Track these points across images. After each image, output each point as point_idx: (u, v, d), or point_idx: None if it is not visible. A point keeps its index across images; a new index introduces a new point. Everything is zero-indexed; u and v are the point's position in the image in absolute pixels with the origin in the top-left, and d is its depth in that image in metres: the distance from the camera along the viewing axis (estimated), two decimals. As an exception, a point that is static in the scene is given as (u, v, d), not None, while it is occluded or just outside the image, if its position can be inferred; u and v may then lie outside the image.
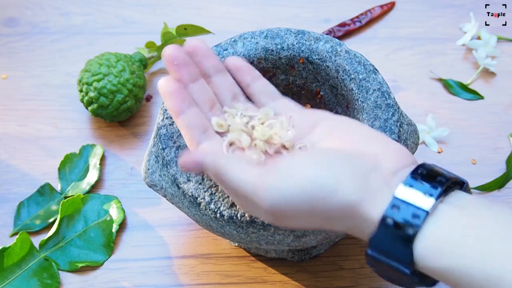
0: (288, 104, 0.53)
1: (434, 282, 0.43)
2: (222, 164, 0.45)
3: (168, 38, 0.74)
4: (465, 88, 0.74)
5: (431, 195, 0.41)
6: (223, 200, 0.52)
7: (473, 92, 0.74)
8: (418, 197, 0.42)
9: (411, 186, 0.42)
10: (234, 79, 0.54)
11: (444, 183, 0.42)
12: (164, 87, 0.49)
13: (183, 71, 0.50)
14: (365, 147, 0.45)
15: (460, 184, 0.44)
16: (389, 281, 0.44)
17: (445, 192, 0.42)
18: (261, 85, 0.54)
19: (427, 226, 0.41)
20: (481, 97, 0.74)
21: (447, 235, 0.40)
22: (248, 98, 0.54)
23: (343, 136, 0.47)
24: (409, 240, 0.41)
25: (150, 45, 0.75)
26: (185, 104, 0.49)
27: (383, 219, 0.42)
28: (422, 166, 0.44)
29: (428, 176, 0.43)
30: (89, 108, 0.70)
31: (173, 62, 0.50)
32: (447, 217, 0.41)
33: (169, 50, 0.50)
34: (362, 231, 0.43)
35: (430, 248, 0.40)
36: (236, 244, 0.63)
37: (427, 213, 0.41)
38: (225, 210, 0.52)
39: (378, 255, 0.43)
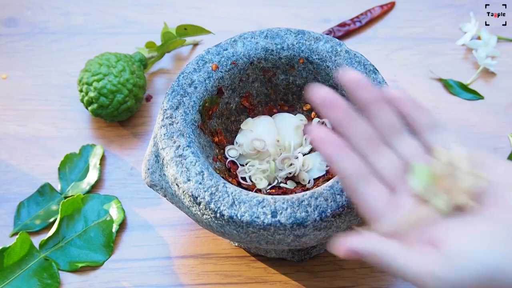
0: (453, 140, 0.47)
1: None
2: (382, 255, 0.43)
3: (168, 38, 0.74)
4: (465, 88, 0.74)
5: None
6: (223, 200, 0.52)
7: (473, 92, 0.74)
8: None
9: None
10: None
11: None
12: (316, 135, 0.46)
13: (336, 112, 0.46)
14: None
15: None
16: None
17: None
18: (424, 116, 0.48)
19: None
20: (481, 97, 0.74)
21: None
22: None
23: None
24: None
25: (150, 45, 0.75)
26: (339, 151, 0.46)
27: None
28: None
29: None
30: (89, 108, 0.70)
31: (326, 105, 0.46)
32: None
33: (320, 93, 0.46)
34: None
35: None
36: (236, 244, 0.63)
37: None
38: (225, 210, 0.52)
39: None
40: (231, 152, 0.62)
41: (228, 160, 0.62)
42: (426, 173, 0.45)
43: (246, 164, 0.61)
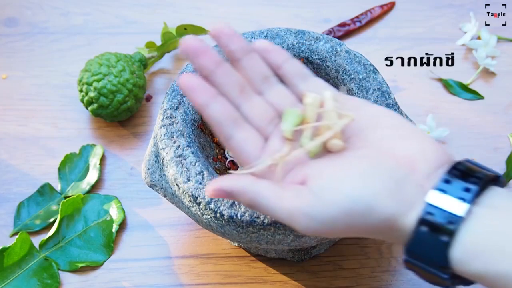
0: (322, 85, 0.50)
1: (473, 281, 0.43)
2: (253, 193, 0.44)
3: (168, 38, 0.74)
4: (465, 88, 0.74)
5: (464, 200, 0.41)
6: (223, 200, 0.52)
7: (473, 92, 0.74)
8: (452, 203, 0.41)
9: (444, 191, 0.42)
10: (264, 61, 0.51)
11: (478, 183, 0.42)
12: (184, 83, 0.46)
13: (204, 59, 0.47)
14: (402, 149, 0.44)
15: (495, 179, 0.43)
16: (430, 283, 0.44)
17: (480, 191, 0.42)
18: (292, 66, 0.50)
19: (462, 231, 0.41)
20: (481, 97, 0.74)
21: (481, 239, 0.40)
22: (280, 80, 0.51)
23: (383, 131, 0.46)
24: (445, 246, 0.41)
25: (150, 45, 0.75)
26: (208, 96, 0.46)
27: (418, 226, 0.42)
28: (455, 167, 0.43)
29: (462, 176, 0.42)
30: (89, 108, 0.70)
31: (191, 52, 0.47)
32: (481, 222, 0.41)
33: (184, 42, 0.47)
34: (398, 240, 0.43)
35: (466, 253, 0.40)
36: (236, 244, 0.63)
37: (462, 218, 0.41)
38: (225, 210, 0.52)
39: (415, 261, 0.43)
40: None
41: (228, 160, 0.62)
42: (296, 117, 0.47)
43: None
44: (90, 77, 0.68)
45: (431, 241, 0.41)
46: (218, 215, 0.52)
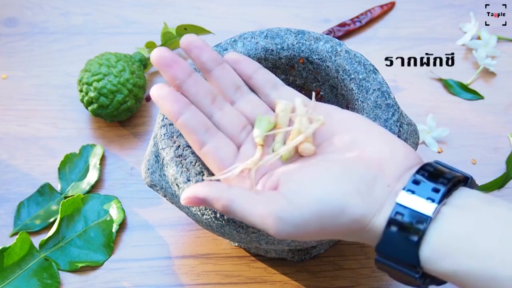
0: (293, 93, 0.52)
1: (444, 281, 0.43)
2: (226, 200, 0.44)
3: (168, 38, 0.74)
4: (465, 88, 0.74)
5: (433, 200, 0.42)
6: (223, 200, 0.52)
7: (473, 92, 0.74)
8: (421, 203, 0.42)
9: (413, 192, 0.42)
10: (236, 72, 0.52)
11: (447, 184, 0.42)
12: (156, 93, 0.47)
13: (174, 69, 0.48)
14: (372, 152, 0.45)
15: (464, 180, 0.44)
16: (402, 283, 0.45)
17: (448, 191, 0.43)
18: (262, 75, 0.52)
19: (430, 231, 0.41)
20: (481, 97, 0.74)
21: (450, 239, 0.41)
22: (251, 89, 0.53)
23: (353, 135, 0.47)
24: (414, 246, 0.41)
25: (150, 45, 0.75)
26: (181, 105, 0.48)
27: (388, 227, 0.42)
28: (423, 168, 0.44)
29: (430, 177, 0.43)
30: (89, 108, 0.70)
31: (162, 63, 0.48)
32: (449, 221, 0.41)
33: (155, 53, 0.48)
34: (370, 241, 0.44)
35: (435, 252, 0.41)
36: (236, 244, 0.63)
37: (430, 218, 0.41)
38: (225, 210, 0.52)
39: (386, 261, 0.43)
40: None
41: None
42: (268, 123, 0.48)
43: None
44: (90, 77, 0.68)
45: (400, 241, 0.42)
46: (218, 215, 0.52)
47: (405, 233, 0.42)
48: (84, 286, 0.62)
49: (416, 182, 0.43)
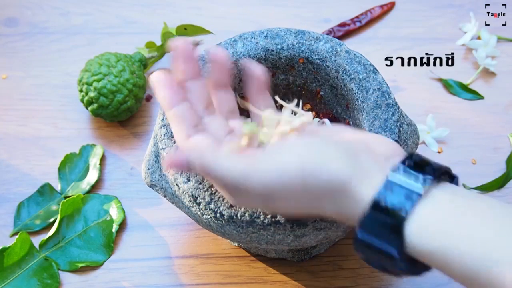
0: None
1: (421, 270, 0.43)
2: (209, 158, 0.45)
3: (168, 38, 0.74)
4: (465, 88, 0.74)
5: (424, 180, 0.42)
6: (223, 200, 0.52)
7: (473, 92, 0.74)
8: (411, 182, 0.42)
9: (403, 171, 0.42)
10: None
11: (435, 172, 0.42)
12: (157, 78, 0.48)
13: (188, 65, 0.49)
14: (360, 135, 0.47)
15: (450, 177, 0.44)
16: (377, 269, 0.44)
17: (436, 181, 0.43)
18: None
19: (419, 208, 0.41)
20: (481, 97, 0.74)
21: (439, 217, 0.40)
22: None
23: (340, 130, 0.48)
24: (401, 221, 0.41)
25: (150, 45, 0.75)
26: (178, 97, 0.49)
27: (376, 200, 0.41)
28: (410, 157, 0.44)
29: (418, 165, 0.43)
30: (89, 108, 0.70)
31: (181, 54, 0.49)
32: (439, 201, 0.41)
33: (179, 43, 0.49)
34: (353, 213, 0.43)
35: (422, 229, 0.40)
36: (236, 244, 0.63)
37: (420, 195, 0.41)
38: (225, 210, 0.52)
39: (369, 237, 0.42)
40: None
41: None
42: (255, 126, 0.49)
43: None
44: (90, 77, 0.68)
45: (387, 216, 0.41)
46: (218, 215, 0.52)
47: (393, 208, 0.41)
48: (84, 286, 0.62)
49: (405, 165, 0.43)
